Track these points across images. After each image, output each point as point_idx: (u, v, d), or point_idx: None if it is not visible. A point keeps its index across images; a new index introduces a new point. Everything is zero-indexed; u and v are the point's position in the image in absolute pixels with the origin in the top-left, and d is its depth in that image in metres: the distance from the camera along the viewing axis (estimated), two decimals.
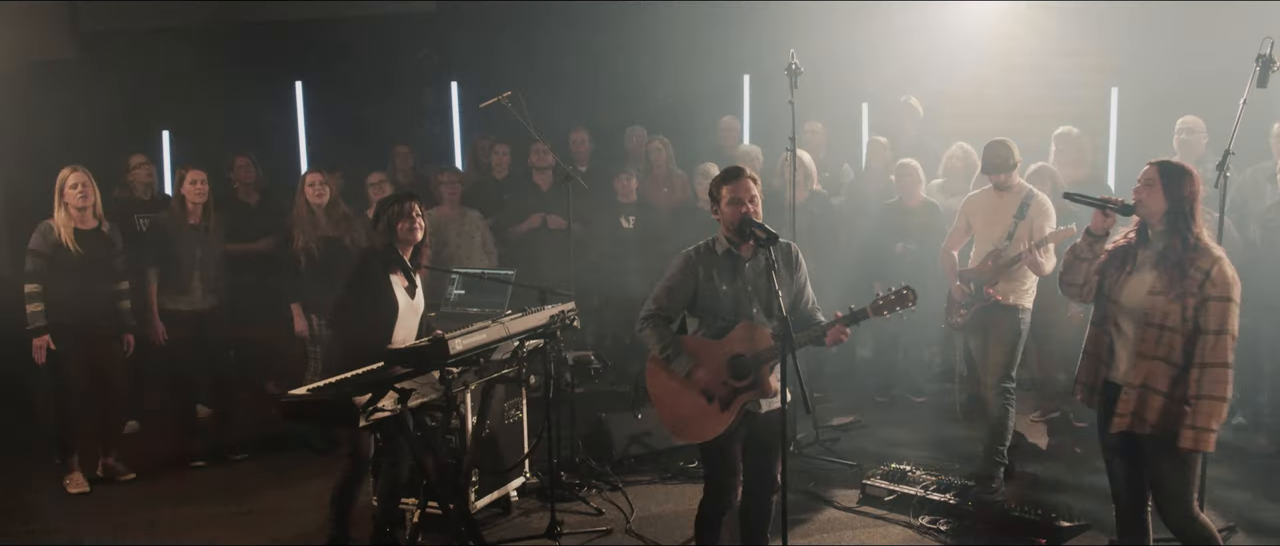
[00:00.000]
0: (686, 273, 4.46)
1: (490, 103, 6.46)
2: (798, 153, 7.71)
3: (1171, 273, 4.08)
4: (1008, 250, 6.02)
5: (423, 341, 4.47)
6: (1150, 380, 4.11)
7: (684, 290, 4.46)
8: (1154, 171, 4.17)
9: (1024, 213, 6.00)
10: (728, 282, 4.46)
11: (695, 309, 4.51)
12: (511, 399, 6.00)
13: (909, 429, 7.48)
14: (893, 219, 7.81)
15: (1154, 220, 4.17)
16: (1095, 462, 6.11)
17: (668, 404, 4.50)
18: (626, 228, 8.07)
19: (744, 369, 4.43)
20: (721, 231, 4.50)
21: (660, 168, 8.60)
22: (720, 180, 4.46)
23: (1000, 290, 6.04)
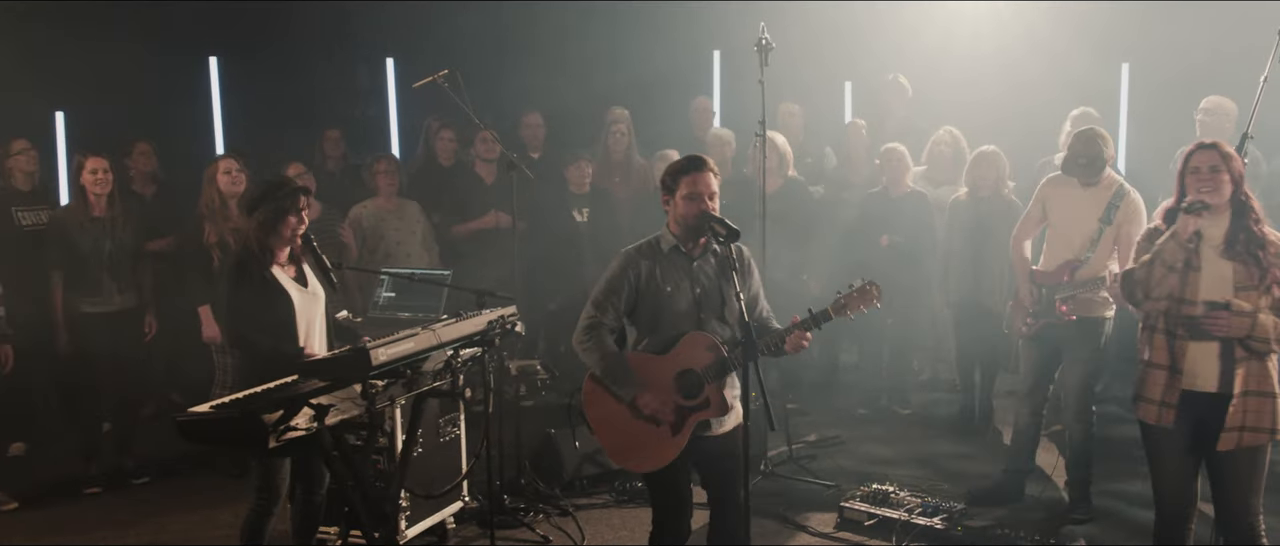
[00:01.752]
0: (626, 271, 4.44)
1: (424, 83, 6.43)
2: (772, 137, 7.76)
3: (1249, 260, 4.27)
4: (1089, 263, 5.86)
5: (342, 351, 4.44)
6: (1259, 383, 4.27)
7: (625, 293, 4.43)
8: (1217, 156, 4.33)
9: (1111, 216, 5.82)
10: (674, 285, 4.44)
11: (636, 316, 4.48)
12: (448, 414, 5.97)
13: (893, 445, 7.51)
14: (877, 209, 7.84)
15: (1221, 209, 4.33)
16: (1103, 483, 6.19)
17: (610, 429, 4.47)
18: (580, 221, 8.07)
19: (695, 386, 4.42)
20: (668, 226, 4.48)
21: (619, 153, 8.60)
22: (678, 170, 4.44)
23: (1078, 305, 5.90)
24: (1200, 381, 4.37)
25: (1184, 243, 4.34)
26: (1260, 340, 4.20)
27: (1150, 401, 4.46)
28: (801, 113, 8.93)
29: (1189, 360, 4.37)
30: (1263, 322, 4.20)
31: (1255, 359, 4.27)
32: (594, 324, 4.45)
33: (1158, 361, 4.45)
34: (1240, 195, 4.33)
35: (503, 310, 5.18)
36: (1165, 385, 4.41)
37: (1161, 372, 4.43)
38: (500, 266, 7.09)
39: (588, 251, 7.89)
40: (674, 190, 4.44)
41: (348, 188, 8.34)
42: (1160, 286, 4.41)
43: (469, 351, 5.01)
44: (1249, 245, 4.28)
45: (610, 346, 4.45)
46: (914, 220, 7.74)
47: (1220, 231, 4.34)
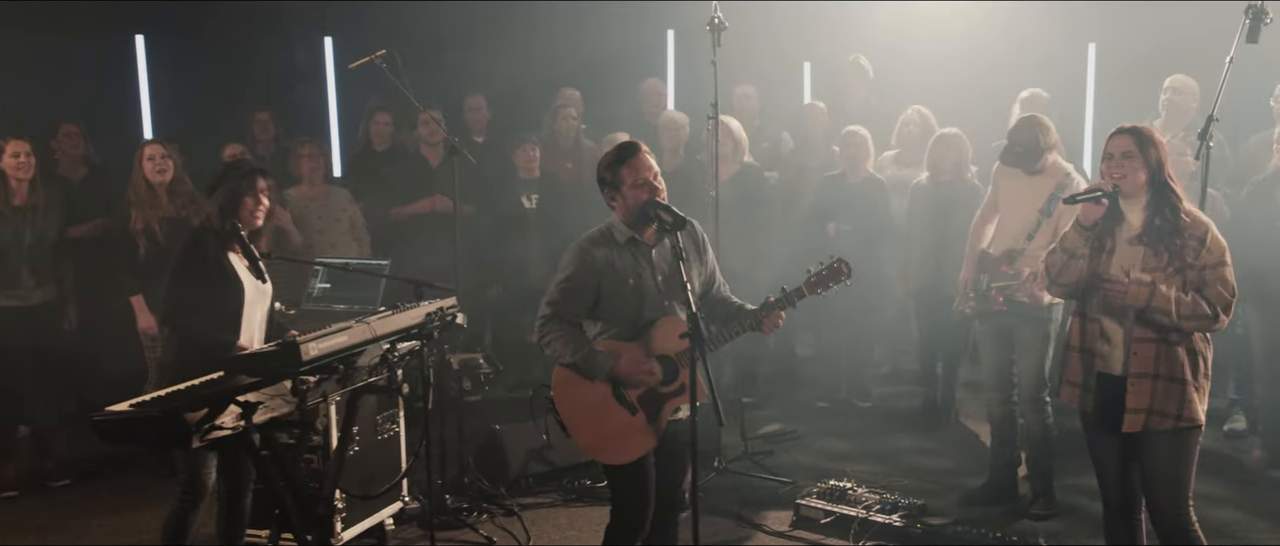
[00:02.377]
0: (585, 266, 4.42)
1: (360, 63, 6.38)
2: (726, 121, 7.77)
3: (1163, 246, 4.30)
4: (1026, 254, 5.93)
5: (270, 346, 4.40)
6: (1168, 368, 4.30)
7: (586, 288, 4.42)
8: (1130, 141, 4.35)
9: (1052, 208, 5.86)
10: (636, 274, 4.45)
11: (601, 310, 4.47)
12: (386, 411, 5.94)
13: (852, 439, 7.56)
14: (833, 195, 7.87)
15: (1137, 194, 4.35)
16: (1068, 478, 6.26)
17: (586, 421, 4.45)
18: (528, 207, 8.04)
19: (673, 370, 4.45)
20: (617, 217, 4.49)
21: (568, 137, 8.57)
22: (616, 162, 4.44)
23: (1017, 294, 5.94)
24: (1112, 363, 4.43)
25: (1085, 230, 4.43)
26: (1161, 311, 4.23)
27: (1071, 384, 4.57)
28: (757, 95, 8.94)
29: (1100, 342, 4.45)
30: (1163, 293, 4.23)
31: (1163, 343, 4.31)
32: (550, 318, 4.43)
33: (1073, 343, 4.56)
34: (1159, 180, 4.34)
35: (442, 302, 5.14)
36: (1082, 367, 4.51)
37: (1076, 355, 4.54)
38: (444, 254, 7.04)
39: (536, 238, 7.87)
40: (618, 183, 4.43)
41: (279, 172, 8.23)
42: (1064, 273, 4.51)
43: (407, 345, 4.99)
44: (1164, 231, 4.31)
45: (575, 333, 4.44)
46: (870, 207, 7.77)
47: (1137, 216, 4.39)
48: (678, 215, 4.32)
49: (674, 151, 8.43)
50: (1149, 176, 4.34)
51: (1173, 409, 4.30)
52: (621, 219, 4.49)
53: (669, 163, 8.39)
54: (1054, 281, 4.60)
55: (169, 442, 4.09)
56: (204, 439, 4.04)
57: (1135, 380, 4.33)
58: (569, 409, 4.48)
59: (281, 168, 8.30)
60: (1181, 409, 4.30)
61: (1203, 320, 4.25)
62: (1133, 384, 4.34)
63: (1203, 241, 4.28)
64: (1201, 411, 4.36)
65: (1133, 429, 4.34)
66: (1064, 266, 4.52)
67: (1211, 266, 4.27)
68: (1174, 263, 4.28)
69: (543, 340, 4.44)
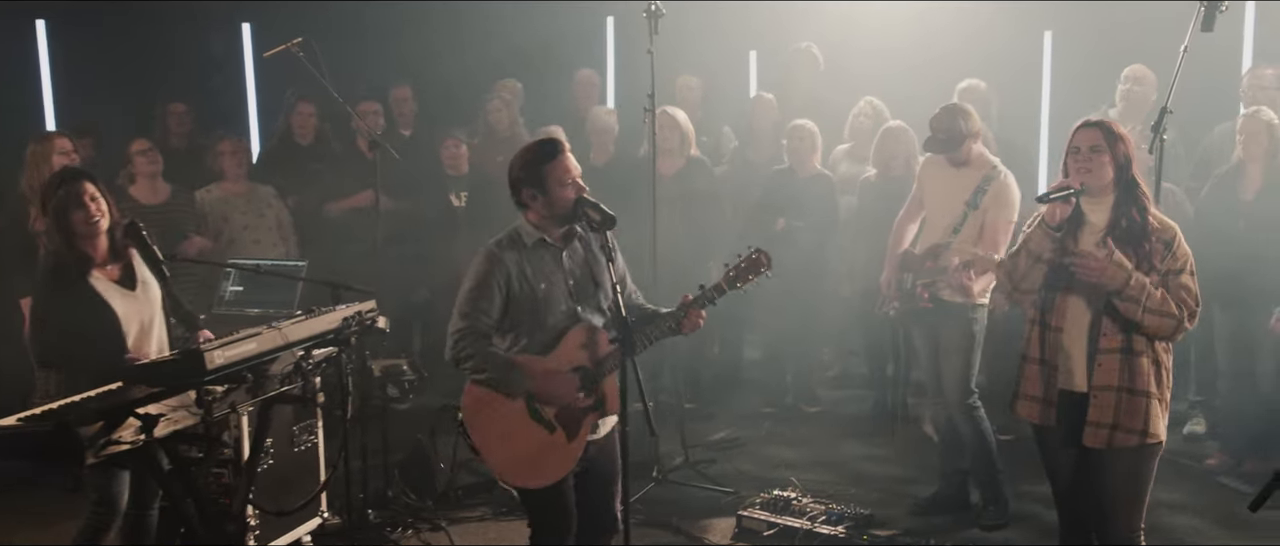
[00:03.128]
0: (495, 273, 4.38)
1: (275, 52, 6.31)
2: (672, 113, 7.78)
3: (1129, 249, 4.24)
4: (950, 248, 5.98)
5: (172, 354, 4.34)
6: (1131, 380, 4.27)
7: (496, 294, 4.38)
8: (1098, 135, 4.30)
9: (978, 201, 5.92)
10: (548, 280, 4.42)
11: (509, 319, 4.44)
12: (304, 421, 5.88)
13: (799, 446, 7.58)
14: (780, 190, 7.89)
15: (1103, 192, 4.32)
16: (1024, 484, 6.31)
17: (500, 442, 4.40)
18: (457, 205, 7.99)
19: (591, 383, 4.42)
20: (528, 219, 4.46)
21: (504, 129, 8.54)
22: (538, 160, 4.40)
23: (942, 290, 5.99)
24: (1075, 379, 4.37)
25: (1052, 231, 4.33)
26: (1131, 299, 4.16)
27: (1031, 398, 4.49)
28: (700, 86, 8.94)
29: (1062, 355, 4.39)
30: (1141, 280, 4.17)
31: (1127, 354, 4.27)
32: (465, 331, 4.37)
33: (1032, 355, 4.47)
34: (1126, 178, 4.31)
35: (361, 305, 5.12)
36: (1042, 381, 4.44)
37: (1035, 367, 4.46)
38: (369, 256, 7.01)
39: (466, 238, 7.80)
40: (540, 182, 4.39)
41: (193, 167, 8.14)
42: (1027, 278, 4.41)
43: (323, 351, 4.96)
44: (1130, 231, 4.26)
45: (491, 348, 4.40)
46: (820, 203, 7.79)
47: (1103, 217, 4.34)
48: (607, 213, 4.32)
49: (603, 147, 8.42)
50: (1116, 174, 4.31)
51: (1138, 424, 4.27)
52: (534, 220, 4.45)
53: (598, 158, 8.40)
54: (1016, 287, 4.47)
55: (60, 457, 4.00)
56: (99, 454, 3.98)
57: (1099, 393, 4.29)
58: (480, 429, 4.42)
59: (199, 163, 8.21)
60: (1146, 424, 4.27)
61: (1168, 320, 4.21)
62: (1096, 397, 4.29)
63: (1169, 247, 4.25)
64: (1163, 426, 4.35)
65: (1095, 443, 4.30)
66: (1028, 271, 4.41)
67: (1175, 273, 4.24)
68: (1141, 267, 4.22)
69: (458, 355, 4.36)
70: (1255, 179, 6.70)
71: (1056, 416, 4.43)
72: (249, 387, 4.54)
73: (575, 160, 4.45)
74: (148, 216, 5.86)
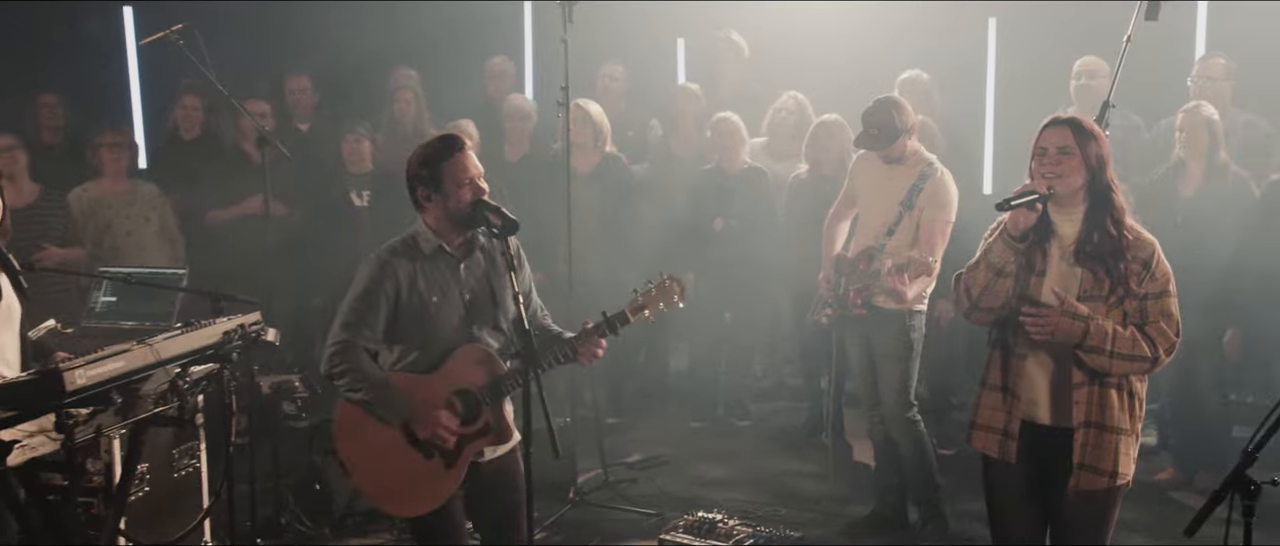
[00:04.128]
0: (384, 282, 4.33)
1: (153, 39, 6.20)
2: (585, 106, 7.74)
3: (1101, 267, 4.08)
4: (885, 252, 5.97)
5: (26, 375, 4.22)
6: (1100, 414, 4.12)
7: (382, 306, 4.33)
8: (1069, 134, 4.09)
9: (913, 200, 5.92)
10: (440, 292, 4.38)
11: (397, 331, 4.40)
12: (186, 444, 5.76)
13: (728, 463, 7.56)
14: (710, 189, 7.87)
15: (1074, 200, 4.13)
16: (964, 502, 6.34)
17: (371, 468, 4.37)
18: (359, 205, 7.93)
19: (474, 407, 4.37)
20: (427, 223, 4.42)
21: (407, 124, 8.45)
22: (435, 157, 4.36)
23: (876, 296, 5.99)
24: (1038, 410, 4.22)
25: (1015, 241, 4.11)
26: (1094, 350, 3.99)
27: (989, 429, 4.30)
28: (624, 76, 8.92)
29: (1025, 382, 4.23)
30: (1101, 327, 3.99)
31: (1096, 384, 4.09)
32: (346, 345, 4.32)
33: (991, 381, 4.30)
34: (1099, 184, 4.09)
35: (244, 317, 5.03)
36: (1004, 411, 4.24)
37: (995, 395, 4.28)
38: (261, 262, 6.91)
39: (369, 240, 7.68)
40: (436, 182, 4.35)
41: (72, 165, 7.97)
42: (988, 294, 4.19)
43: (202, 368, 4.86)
44: (1104, 247, 4.07)
45: (369, 366, 4.36)
46: (753, 201, 7.80)
47: (1073, 228, 4.14)
48: (510, 218, 4.28)
49: (520, 140, 8.39)
50: (1088, 179, 4.08)
51: (1108, 465, 4.11)
52: (432, 225, 4.41)
53: (514, 153, 8.40)
54: (975, 305, 4.24)
55: None
56: None
57: (1083, 431, 4.11)
58: (351, 449, 4.39)
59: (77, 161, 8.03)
60: (1116, 464, 4.12)
61: (1139, 363, 4.04)
62: (1078, 434, 4.11)
63: (1147, 265, 4.07)
64: (1133, 463, 4.21)
65: (1078, 486, 4.13)
66: (988, 287, 4.17)
67: (1154, 296, 4.08)
68: (1117, 290, 4.05)
69: (333, 369, 4.32)
70: (1195, 176, 6.77)
71: (1017, 452, 4.24)
72: (118, 409, 4.43)
73: (476, 159, 4.40)
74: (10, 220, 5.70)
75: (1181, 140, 6.79)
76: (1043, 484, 4.26)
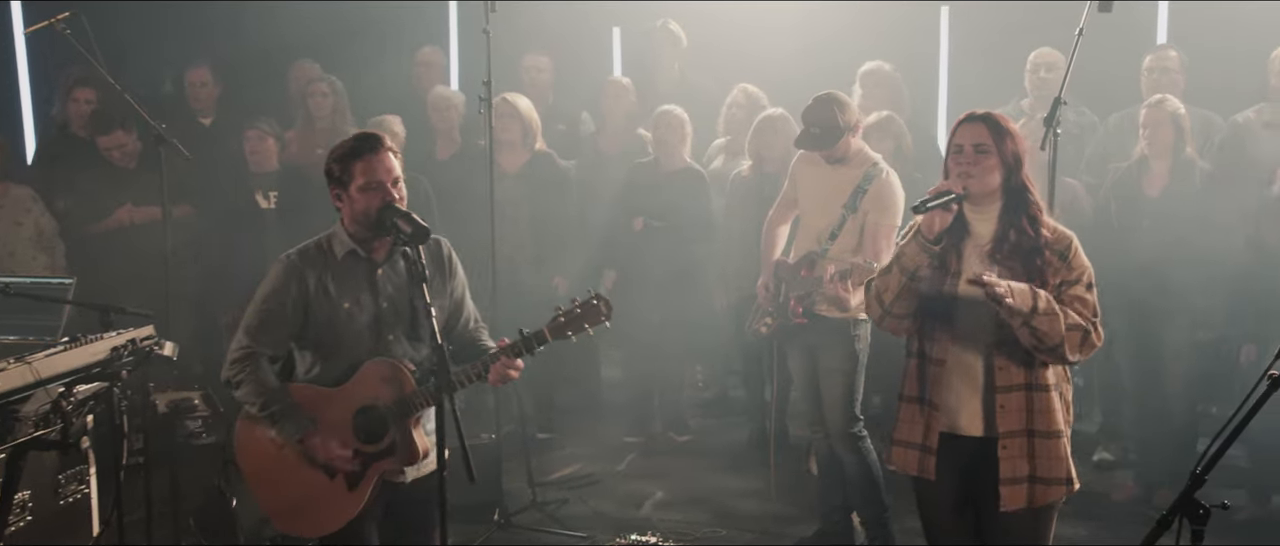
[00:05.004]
0: (289, 288, 4.32)
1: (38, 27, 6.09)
2: (513, 101, 7.72)
3: (1019, 265, 4.12)
4: (825, 256, 5.97)
5: None
6: (1046, 421, 4.14)
7: (288, 314, 4.32)
8: (984, 131, 4.15)
9: (857, 202, 5.91)
10: (353, 299, 4.37)
11: (305, 340, 4.38)
12: (73, 469, 5.63)
13: (666, 481, 7.52)
14: (642, 185, 7.85)
15: (989, 199, 4.19)
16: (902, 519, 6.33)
17: (270, 484, 4.40)
18: (265, 207, 7.84)
19: (379, 426, 4.35)
20: (342, 225, 4.41)
21: (323, 119, 8.37)
22: (347, 154, 4.34)
23: (818, 304, 5.97)
24: (961, 421, 4.23)
25: (929, 244, 4.14)
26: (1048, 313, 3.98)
27: (906, 445, 4.32)
28: (551, 67, 8.89)
29: (944, 392, 4.23)
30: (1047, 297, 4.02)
31: (1031, 391, 4.13)
32: (247, 354, 4.34)
33: (908, 393, 4.32)
34: (1016, 182, 4.16)
35: (136, 331, 4.98)
36: (922, 425, 4.26)
37: (912, 407, 4.30)
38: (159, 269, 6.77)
39: (277, 245, 7.57)
40: (346, 181, 4.32)
41: None
42: (902, 299, 4.22)
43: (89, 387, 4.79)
44: (1021, 246, 4.12)
45: (269, 378, 4.35)
46: (689, 201, 7.77)
47: (988, 227, 4.20)
48: (420, 225, 4.22)
49: (449, 135, 8.36)
50: (1004, 177, 4.15)
51: (1061, 473, 4.14)
52: (347, 227, 4.40)
53: (444, 150, 8.37)
54: (887, 311, 4.28)
55: None
56: None
57: (1008, 441, 4.13)
58: (253, 468, 4.42)
59: None
60: (1067, 471, 4.15)
61: (1079, 332, 4.06)
62: (1005, 446, 4.13)
63: (1064, 257, 4.14)
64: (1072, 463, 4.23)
65: (1014, 504, 4.13)
66: (901, 291, 4.21)
67: (1069, 283, 4.11)
68: (1033, 283, 4.07)
69: (232, 377, 4.34)
70: (1160, 175, 6.75)
71: (937, 467, 4.26)
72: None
73: (393, 161, 4.35)
74: None
75: (1146, 136, 6.77)
76: (973, 499, 4.28)
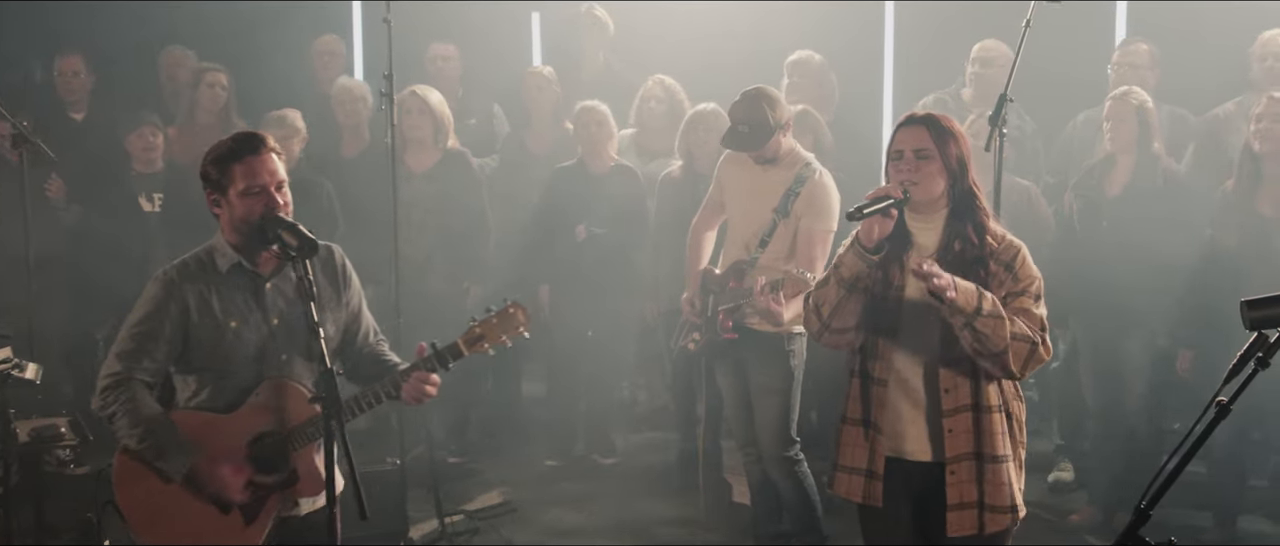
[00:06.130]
0: (168, 307, 4.23)
1: None
2: (423, 94, 7.71)
3: (963, 277, 4.08)
4: (757, 266, 5.94)
5: None
6: (990, 443, 4.14)
7: (167, 336, 4.23)
8: (925, 135, 4.16)
9: (788, 206, 5.90)
10: (241, 317, 4.29)
11: (189, 362, 4.29)
12: None
13: (589, 508, 7.50)
14: (571, 190, 7.81)
15: (933, 206, 4.21)
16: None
17: (155, 524, 4.28)
18: (149, 211, 7.76)
19: (277, 454, 4.28)
20: (223, 236, 4.33)
21: (211, 114, 8.27)
22: (225, 156, 4.25)
23: (749, 317, 5.94)
24: (906, 445, 4.25)
25: (867, 253, 4.12)
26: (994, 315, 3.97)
27: (851, 471, 4.33)
28: (459, 57, 8.85)
29: (889, 414, 4.25)
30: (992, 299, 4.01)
31: (978, 411, 4.14)
32: (119, 381, 4.22)
33: (851, 415, 4.34)
34: (961, 188, 4.17)
35: None
36: (866, 449, 4.28)
37: (855, 430, 4.31)
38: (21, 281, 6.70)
39: (162, 254, 7.47)
40: (224, 185, 4.23)
41: None
42: (841, 313, 4.21)
43: None
44: (966, 256, 4.13)
45: (148, 406, 4.23)
46: (622, 204, 7.74)
47: (932, 236, 4.22)
48: (307, 237, 4.12)
49: (356, 131, 8.31)
50: (949, 183, 4.17)
51: (1006, 499, 4.16)
52: (229, 238, 4.31)
53: (350, 146, 8.31)
54: (826, 326, 4.27)
55: None
56: None
57: (956, 466, 4.15)
58: (133, 505, 4.29)
59: None
60: (1013, 497, 4.18)
61: (1026, 344, 4.04)
62: (953, 471, 4.15)
63: (1010, 267, 4.14)
64: (1021, 490, 4.25)
65: (960, 531, 4.16)
66: (840, 304, 4.20)
67: (1014, 294, 4.11)
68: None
69: (105, 409, 4.21)
70: (1123, 172, 6.75)
71: (883, 493, 4.27)
72: None
73: (278, 163, 4.27)
74: None
75: (1109, 130, 6.76)
76: (922, 528, 4.28)
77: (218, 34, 8.99)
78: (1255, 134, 6.40)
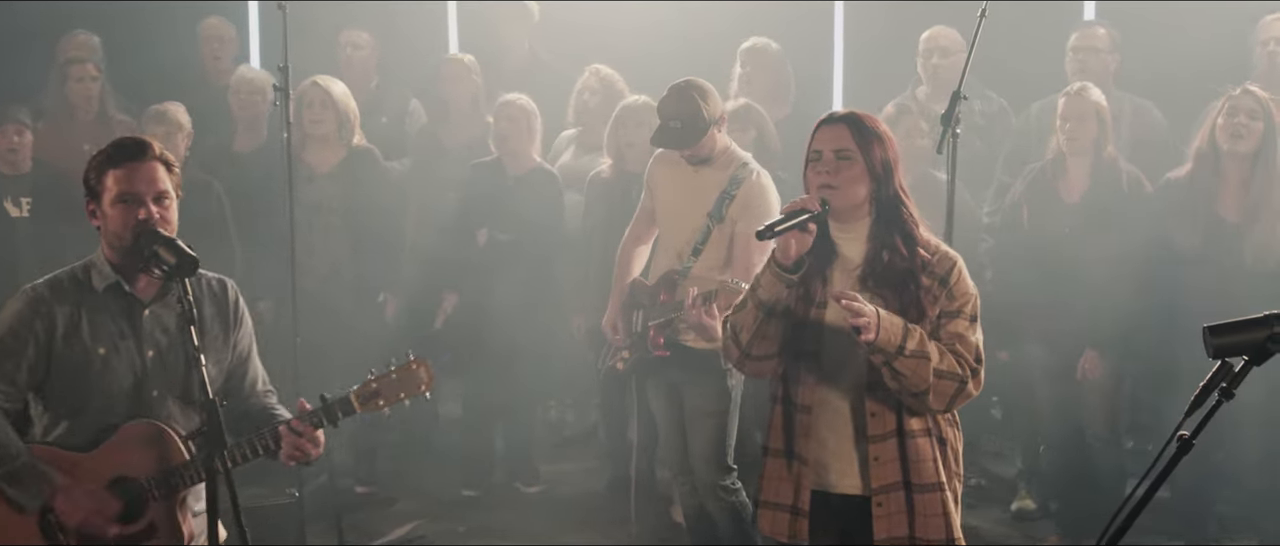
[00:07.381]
0: (33, 325, 4.19)
1: None
2: (325, 85, 7.68)
3: (892, 292, 4.12)
4: (688, 274, 5.92)
5: None
6: (919, 472, 4.15)
7: (29, 359, 4.19)
8: (846, 135, 4.15)
9: (723, 210, 5.90)
10: (111, 344, 4.22)
11: (49, 391, 4.25)
12: None
13: (510, 539, 7.47)
14: (484, 191, 7.78)
15: (857, 215, 4.20)
16: None
17: None
18: (17, 216, 7.70)
19: (137, 502, 4.20)
20: (102, 251, 4.26)
21: (87, 110, 8.26)
22: (104, 161, 4.21)
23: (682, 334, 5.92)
24: (831, 477, 4.27)
25: (785, 272, 4.11)
26: (918, 355, 3.99)
27: (774, 507, 4.34)
28: (373, 45, 8.81)
29: (813, 444, 4.25)
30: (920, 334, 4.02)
31: (903, 437, 4.16)
32: None
33: (774, 446, 4.34)
34: (887, 194, 4.17)
35: None
36: (791, 482, 4.28)
37: (779, 462, 4.31)
38: None
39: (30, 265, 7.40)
40: (99, 193, 4.19)
41: None
42: (760, 338, 4.21)
43: None
44: (894, 268, 4.13)
45: (5, 433, 4.14)
46: (541, 210, 7.71)
47: (858, 248, 4.22)
48: (186, 254, 4.04)
49: (252, 126, 8.27)
50: (873, 188, 4.16)
51: (942, 534, 4.17)
52: (106, 254, 4.25)
53: (246, 142, 8.29)
54: (746, 353, 4.27)
55: None
56: None
57: (883, 497, 4.16)
58: None
59: None
60: (948, 531, 4.19)
61: (952, 382, 4.06)
62: (879, 504, 4.16)
63: (945, 282, 4.14)
64: (958, 523, 4.26)
65: None
66: (758, 329, 4.19)
67: (948, 315, 4.12)
68: (908, 316, 4.07)
69: None
70: (1080, 177, 6.78)
71: (810, 530, 4.27)
72: None
73: (160, 172, 4.20)
74: None
75: (1065, 132, 6.76)
76: None
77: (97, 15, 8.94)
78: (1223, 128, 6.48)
